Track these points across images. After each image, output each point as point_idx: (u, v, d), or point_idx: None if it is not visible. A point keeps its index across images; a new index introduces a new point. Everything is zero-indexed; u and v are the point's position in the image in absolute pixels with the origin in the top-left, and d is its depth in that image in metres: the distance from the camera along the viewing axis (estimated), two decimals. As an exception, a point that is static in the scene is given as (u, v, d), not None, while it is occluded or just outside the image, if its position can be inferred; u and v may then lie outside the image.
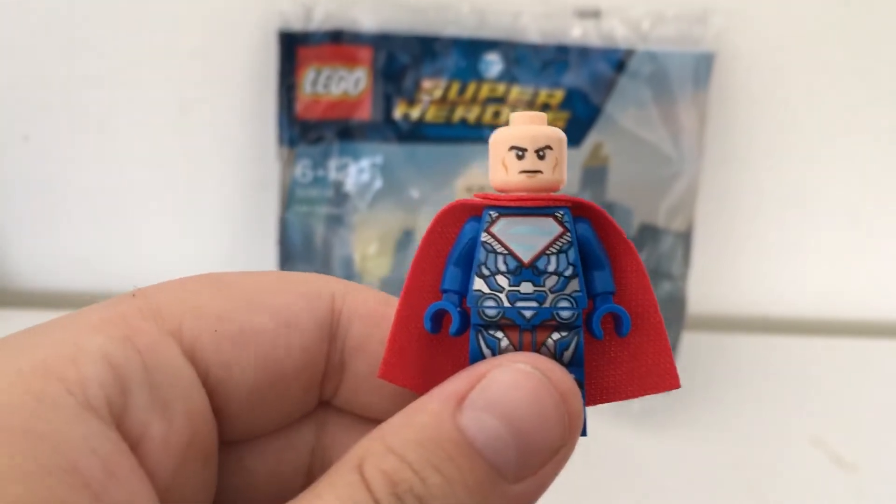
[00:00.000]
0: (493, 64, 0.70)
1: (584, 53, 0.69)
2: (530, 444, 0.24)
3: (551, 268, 0.26)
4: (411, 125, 0.70)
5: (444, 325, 0.27)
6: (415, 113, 0.70)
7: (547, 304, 0.26)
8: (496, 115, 0.70)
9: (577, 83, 0.70)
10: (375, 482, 0.23)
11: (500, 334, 0.26)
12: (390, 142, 0.70)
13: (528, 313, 0.26)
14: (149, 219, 0.76)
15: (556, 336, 0.26)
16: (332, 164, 0.70)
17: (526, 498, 0.24)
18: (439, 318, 0.27)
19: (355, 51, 0.69)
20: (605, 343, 0.27)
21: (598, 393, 0.27)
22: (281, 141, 0.70)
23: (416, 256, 0.27)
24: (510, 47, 0.70)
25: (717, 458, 0.65)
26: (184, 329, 0.26)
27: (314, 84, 0.69)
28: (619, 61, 0.69)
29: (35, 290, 0.79)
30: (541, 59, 0.70)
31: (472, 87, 0.70)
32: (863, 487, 0.62)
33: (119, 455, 0.23)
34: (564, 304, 0.26)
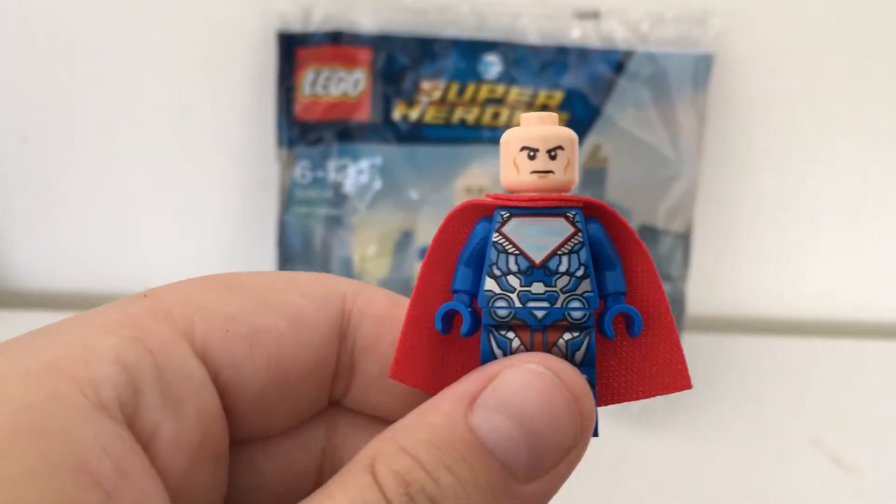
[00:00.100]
0: (493, 65, 0.70)
1: (584, 55, 0.69)
2: (542, 445, 0.24)
3: (563, 268, 0.26)
4: (410, 126, 0.70)
5: (454, 326, 0.27)
6: (414, 114, 0.70)
7: (558, 305, 0.26)
8: (495, 116, 0.70)
9: (577, 84, 0.70)
10: (387, 482, 0.23)
11: (511, 335, 0.26)
12: (389, 143, 0.70)
13: (539, 314, 0.26)
14: (148, 220, 0.76)
15: (567, 336, 0.26)
16: (332, 165, 0.70)
17: (538, 498, 0.24)
18: (450, 318, 0.27)
19: (354, 52, 0.69)
20: (617, 343, 0.27)
21: (609, 393, 0.27)
22: (280, 142, 0.70)
23: (426, 256, 0.27)
24: (509, 48, 0.70)
25: (716, 458, 0.65)
26: (195, 329, 0.26)
27: (313, 85, 0.69)
28: (618, 62, 0.69)
29: (34, 291, 0.79)
30: (540, 61, 0.70)
31: (471, 89, 0.70)
32: (862, 488, 0.63)
33: (131, 455, 0.23)
34: (576, 304, 0.26)
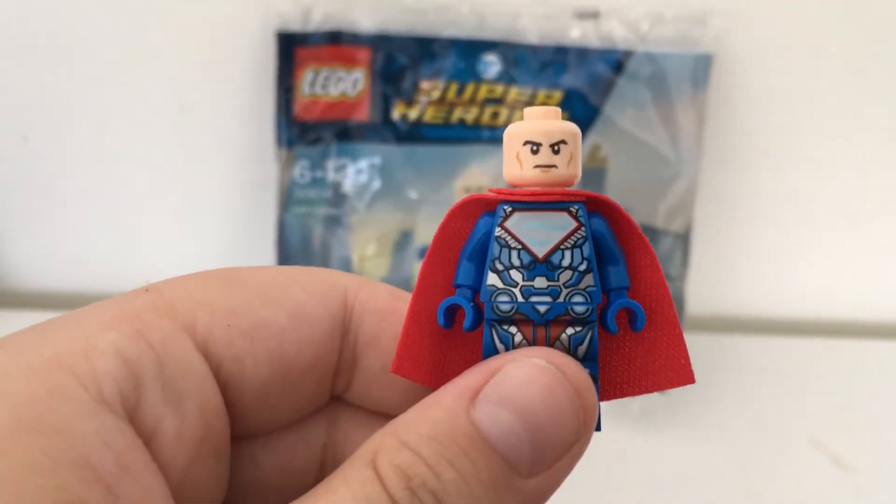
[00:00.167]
0: (492, 65, 0.70)
1: (583, 54, 0.69)
2: (544, 439, 0.24)
3: (566, 262, 0.26)
4: (409, 126, 0.70)
5: (457, 321, 0.27)
6: (413, 114, 0.70)
7: (561, 299, 0.26)
8: (495, 115, 0.70)
9: (576, 84, 0.70)
10: (389, 477, 0.23)
11: (513, 329, 0.26)
12: (388, 143, 0.70)
13: (542, 308, 0.26)
14: (147, 219, 0.76)
15: (570, 331, 0.26)
16: (331, 164, 0.70)
17: (540, 493, 0.24)
18: (452, 313, 0.27)
19: (353, 52, 0.69)
20: (619, 338, 0.27)
21: (611, 388, 0.27)
22: (279, 142, 0.70)
23: (429, 251, 0.27)
24: (509, 48, 0.69)
25: (716, 458, 0.65)
26: (197, 324, 0.26)
27: (312, 85, 0.69)
28: (617, 62, 0.69)
29: (34, 291, 0.78)
30: (539, 60, 0.69)
31: (470, 88, 0.70)
32: (862, 488, 0.62)
33: (133, 449, 0.23)
34: (579, 298, 0.26)
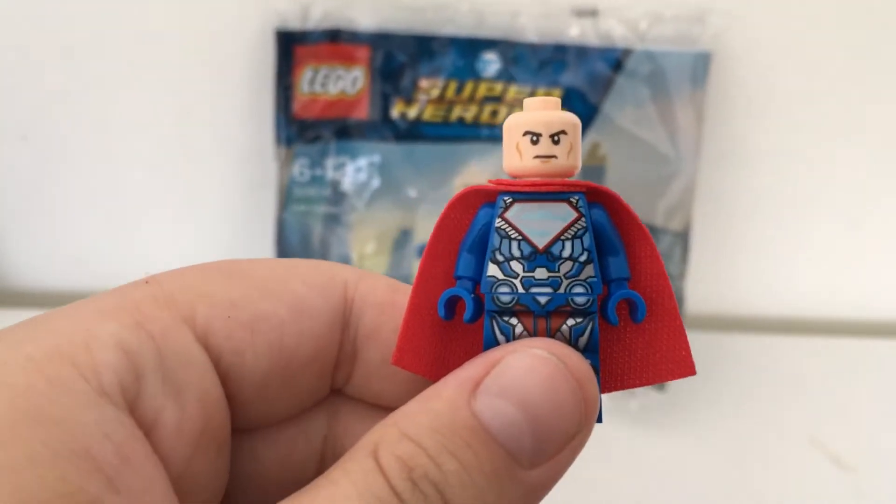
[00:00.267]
0: (491, 63, 0.70)
1: (582, 53, 0.69)
2: (546, 430, 0.24)
3: (566, 253, 0.25)
4: (409, 124, 0.70)
5: (457, 312, 0.27)
6: (412, 112, 0.70)
7: (562, 290, 0.25)
8: (494, 114, 0.70)
9: (575, 82, 0.70)
10: (391, 468, 0.22)
11: (514, 320, 0.26)
12: (388, 141, 0.70)
13: (542, 299, 0.25)
14: (146, 218, 0.76)
15: (570, 322, 0.26)
16: (330, 163, 0.70)
17: (542, 484, 0.24)
18: (453, 304, 0.27)
19: (353, 50, 0.69)
20: (620, 329, 0.27)
21: (612, 380, 0.27)
22: (278, 140, 0.70)
23: (429, 243, 0.27)
24: (508, 46, 0.69)
25: (715, 457, 0.65)
26: (197, 315, 0.26)
27: (311, 83, 0.69)
28: (616, 61, 0.69)
29: (33, 290, 0.78)
30: (538, 59, 0.69)
31: (469, 87, 0.70)
32: (861, 487, 0.62)
33: (133, 441, 0.23)
34: (579, 289, 0.25)
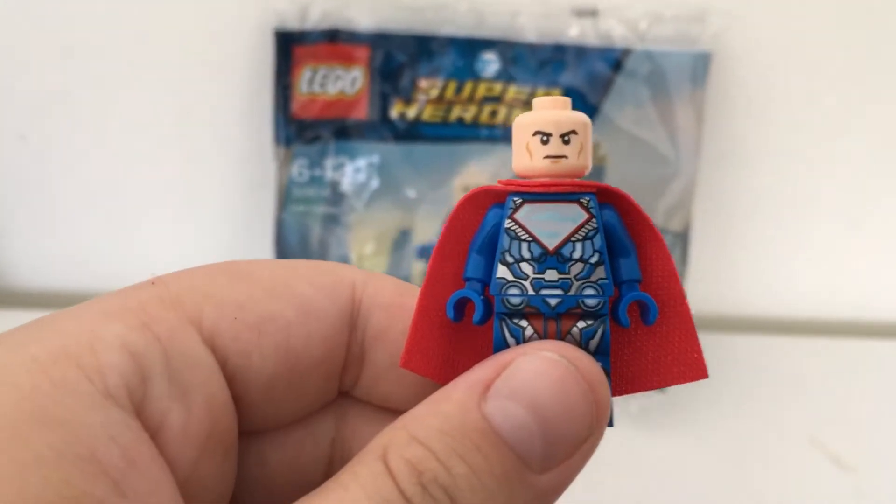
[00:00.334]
0: (490, 63, 0.69)
1: (582, 53, 0.69)
2: (557, 434, 0.23)
3: (577, 255, 0.25)
4: (408, 124, 0.70)
5: (466, 314, 0.27)
6: (411, 112, 0.69)
7: (572, 292, 0.25)
8: (493, 114, 0.69)
9: (575, 82, 0.69)
10: (400, 472, 0.22)
11: (524, 323, 0.25)
12: (387, 141, 0.70)
13: (552, 301, 0.25)
14: (146, 218, 0.76)
15: (581, 324, 0.25)
16: (329, 163, 0.70)
17: (553, 488, 0.24)
18: (462, 306, 0.26)
19: (352, 50, 0.69)
20: (631, 332, 0.27)
21: (623, 382, 0.27)
22: (277, 140, 0.70)
23: (437, 244, 0.26)
24: (507, 46, 0.69)
25: (715, 458, 0.65)
26: (203, 317, 0.25)
27: (310, 83, 0.69)
28: (616, 61, 0.69)
29: (32, 290, 0.78)
30: (538, 59, 0.69)
31: (468, 87, 0.69)
32: (861, 487, 0.62)
33: (139, 443, 0.22)
34: (590, 291, 0.25)
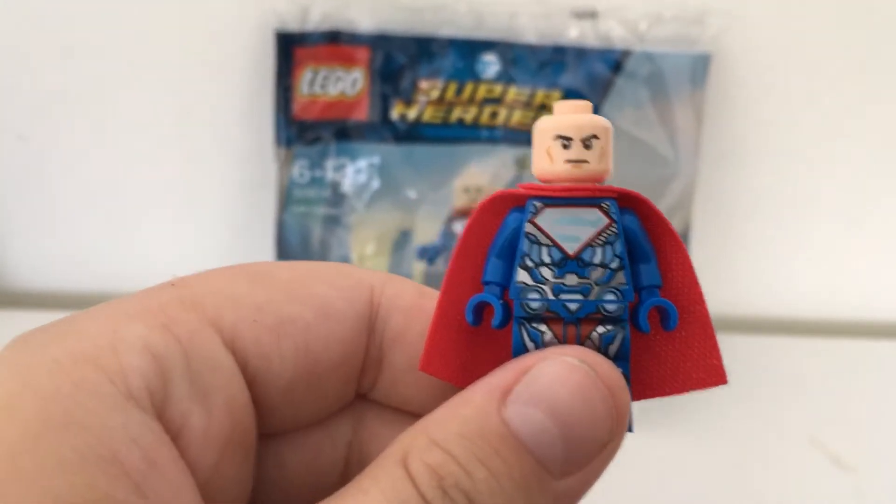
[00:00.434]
0: (491, 64, 0.69)
1: (581, 54, 0.69)
2: (577, 439, 0.23)
3: (597, 259, 0.25)
4: (408, 126, 0.70)
5: (485, 318, 0.27)
6: (412, 113, 0.70)
7: (592, 297, 0.25)
8: (493, 115, 0.69)
9: (574, 84, 0.69)
10: (421, 476, 0.22)
11: (543, 327, 0.25)
12: (387, 142, 0.70)
13: (572, 306, 0.25)
14: (146, 219, 0.76)
15: (601, 329, 0.25)
16: (330, 164, 0.70)
17: (572, 494, 0.24)
18: (481, 310, 0.26)
19: (352, 51, 0.69)
20: (650, 337, 0.27)
21: (642, 388, 0.27)
22: (278, 141, 0.70)
23: (457, 248, 0.26)
24: (507, 48, 0.69)
25: (715, 458, 0.65)
26: (224, 319, 0.25)
27: (311, 84, 0.69)
28: (616, 62, 0.69)
29: (32, 291, 0.78)
30: (538, 60, 0.69)
31: (469, 88, 0.69)
32: (862, 488, 0.62)
33: (160, 445, 0.22)
34: (610, 296, 0.25)
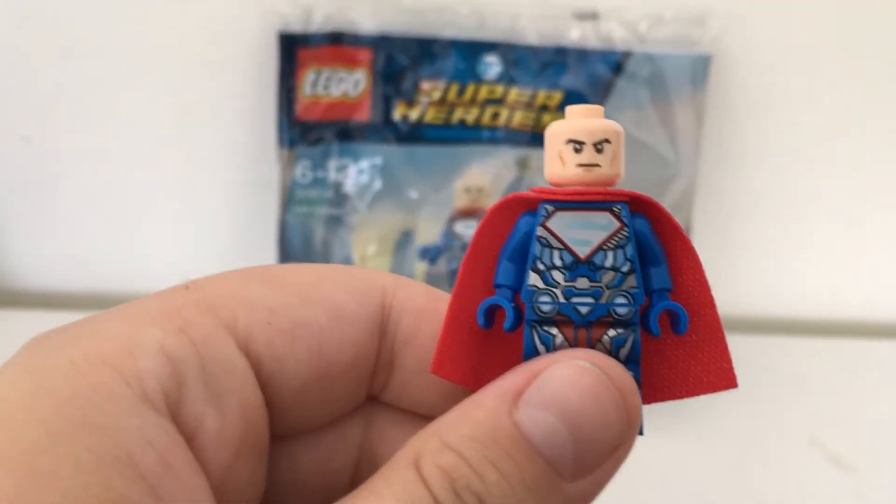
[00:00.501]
0: (492, 65, 0.70)
1: (583, 55, 0.70)
2: (588, 442, 0.23)
3: (608, 263, 0.25)
4: (410, 126, 0.70)
5: (496, 321, 0.27)
6: (414, 114, 0.70)
7: (603, 301, 0.25)
8: (495, 116, 0.70)
9: (576, 85, 0.70)
10: (433, 478, 0.22)
11: (554, 330, 0.25)
12: (389, 143, 0.70)
13: (583, 309, 0.25)
14: (149, 220, 0.76)
15: (612, 333, 0.25)
16: (332, 165, 0.70)
17: (582, 497, 0.24)
18: (492, 313, 0.27)
19: (355, 52, 0.69)
20: (661, 341, 0.27)
21: (652, 391, 0.27)
22: (281, 142, 0.70)
23: (468, 251, 0.26)
24: (509, 49, 0.70)
25: (715, 458, 0.65)
26: (238, 322, 0.25)
27: (314, 85, 0.69)
28: (617, 63, 0.70)
29: (35, 291, 0.78)
30: (539, 61, 0.70)
31: (470, 89, 0.70)
32: (862, 488, 0.63)
33: (175, 448, 0.23)
34: (621, 300, 0.25)
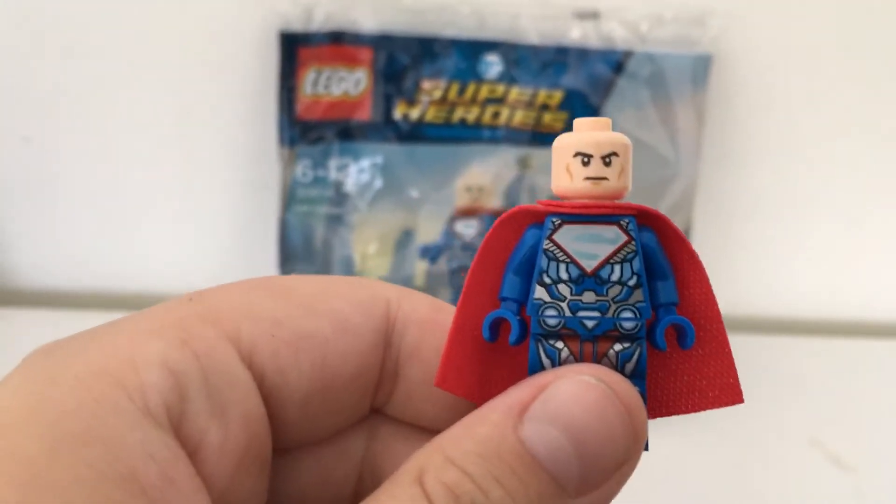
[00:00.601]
0: (493, 65, 0.70)
1: (583, 55, 0.69)
2: (594, 458, 0.23)
3: (615, 277, 0.25)
4: (411, 125, 0.70)
5: (501, 334, 0.26)
6: (414, 113, 0.70)
7: (610, 315, 0.25)
8: (495, 115, 0.70)
9: (576, 84, 0.70)
10: (437, 495, 0.22)
11: (560, 344, 0.25)
12: (390, 142, 0.70)
13: (589, 323, 0.25)
14: (149, 219, 0.76)
15: (617, 347, 0.25)
16: (333, 164, 0.70)
17: None
18: (497, 326, 0.26)
19: (355, 52, 0.69)
20: (667, 355, 0.27)
21: (658, 406, 0.27)
22: (281, 141, 0.70)
23: (474, 263, 0.26)
24: (510, 48, 0.69)
25: (715, 458, 0.65)
26: (241, 333, 0.25)
27: (315, 84, 0.69)
28: (617, 63, 0.70)
29: (35, 290, 0.78)
30: (540, 61, 0.70)
31: (471, 88, 0.70)
32: (862, 488, 0.63)
33: (177, 462, 0.22)
34: (628, 314, 0.25)
